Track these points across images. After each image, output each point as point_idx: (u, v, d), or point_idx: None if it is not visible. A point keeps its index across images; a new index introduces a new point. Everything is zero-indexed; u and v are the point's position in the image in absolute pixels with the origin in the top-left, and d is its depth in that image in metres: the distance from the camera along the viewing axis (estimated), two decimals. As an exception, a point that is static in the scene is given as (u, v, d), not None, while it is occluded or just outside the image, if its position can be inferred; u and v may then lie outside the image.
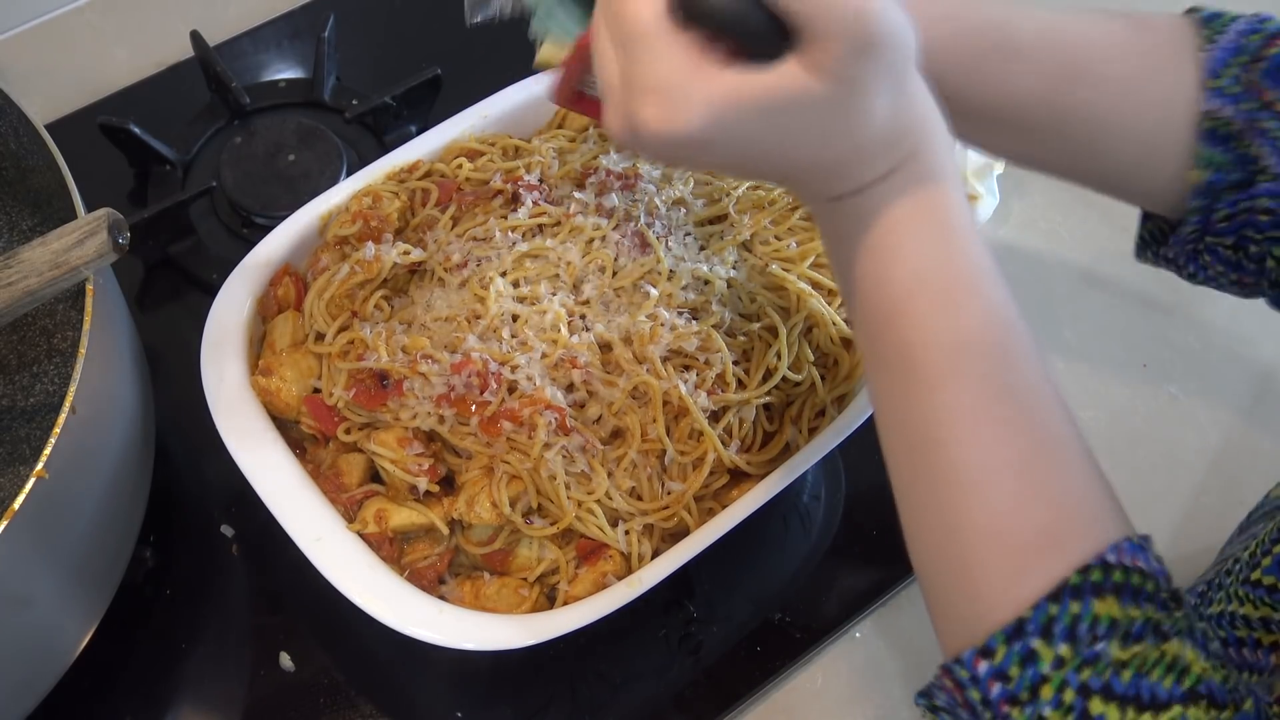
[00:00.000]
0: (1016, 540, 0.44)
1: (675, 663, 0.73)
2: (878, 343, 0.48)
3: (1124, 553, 0.43)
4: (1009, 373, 0.45)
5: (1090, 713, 0.41)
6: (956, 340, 0.45)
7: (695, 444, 0.68)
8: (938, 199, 0.46)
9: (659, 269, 0.71)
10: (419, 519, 0.66)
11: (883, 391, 0.48)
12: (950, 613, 0.46)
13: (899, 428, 0.48)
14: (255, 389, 0.69)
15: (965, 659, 0.43)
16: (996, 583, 0.44)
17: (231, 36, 0.99)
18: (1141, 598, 0.43)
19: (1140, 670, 0.41)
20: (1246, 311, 0.92)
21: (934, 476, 0.46)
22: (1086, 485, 0.45)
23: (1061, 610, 0.42)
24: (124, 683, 0.71)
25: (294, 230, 0.74)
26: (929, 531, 0.47)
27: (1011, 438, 0.45)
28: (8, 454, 0.67)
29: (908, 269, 0.46)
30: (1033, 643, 0.42)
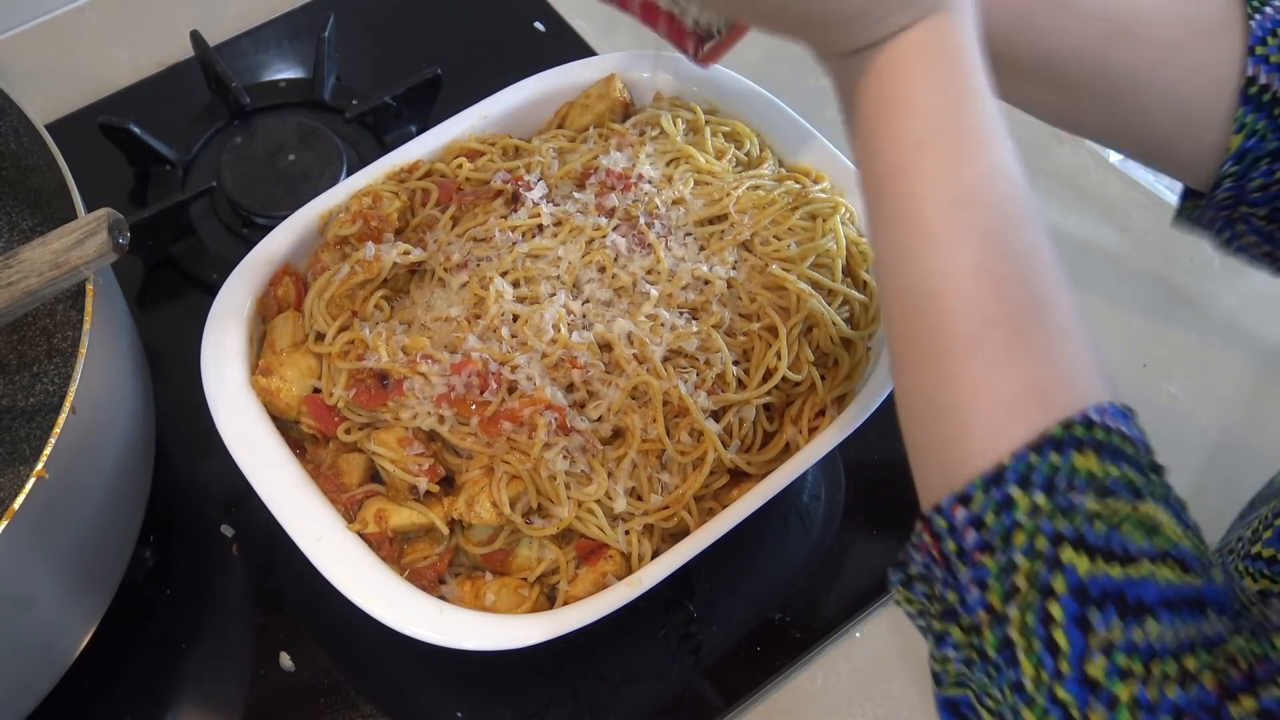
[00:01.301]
0: (1004, 394, 0.44)
1: (675, 663, 0.73)
2: (883, 196, 0.48)
3: (1108, 414, 0.44)
4: (1009, 232, 0.46)
5: (1061, 560, 0.41)
6: (960, 196, 0.46)
7: (695, 444, 0.68)
8: (955, 56, 0.47)
9: (659, 269, 0.71)
10: (419, 519, 0.66)
11: (884, 246, 0.49)
12: (933, 464, 0.46)
13: (898, 281, 0.48)
14: (255, 389, 0.69)
15: (944, 506, 0.44)
16: (980, 433, 0.44)
17: (231, 36, 0.99)
18: (1121, 458, 0.43)
19: (1113, 524, 0.42)
20: (1246, 312, 0.92)
21: (928, 328, 0.46)
22: (1077, 348, 0.46)
23: (1041, 461, 0.42)
24: (124, 683, 0.71)
25: (294, 230, 0.74)
26: (919, 383, 0.47)
27: (1006, 295, 0.45)
28: (8, 454, 0.67)
29: (919, 122, 0.47)
30: (1010, 490, 0.42)
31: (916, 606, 0.47)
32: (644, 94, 0.84)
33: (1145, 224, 0.96)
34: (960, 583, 0.43)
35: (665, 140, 0.78)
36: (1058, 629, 0.41)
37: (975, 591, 0.43)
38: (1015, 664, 0.42)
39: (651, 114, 0.81)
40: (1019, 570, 0.42)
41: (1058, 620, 0.41)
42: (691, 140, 0.79)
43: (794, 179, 0.78)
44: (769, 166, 0.79)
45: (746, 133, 0.81)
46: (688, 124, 0.80)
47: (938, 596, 0.45)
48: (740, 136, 0.81)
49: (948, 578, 0.44)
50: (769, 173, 0.79)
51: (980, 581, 0.43)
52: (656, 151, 0.77)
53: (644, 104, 0.84)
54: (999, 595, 0.42)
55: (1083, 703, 0.40)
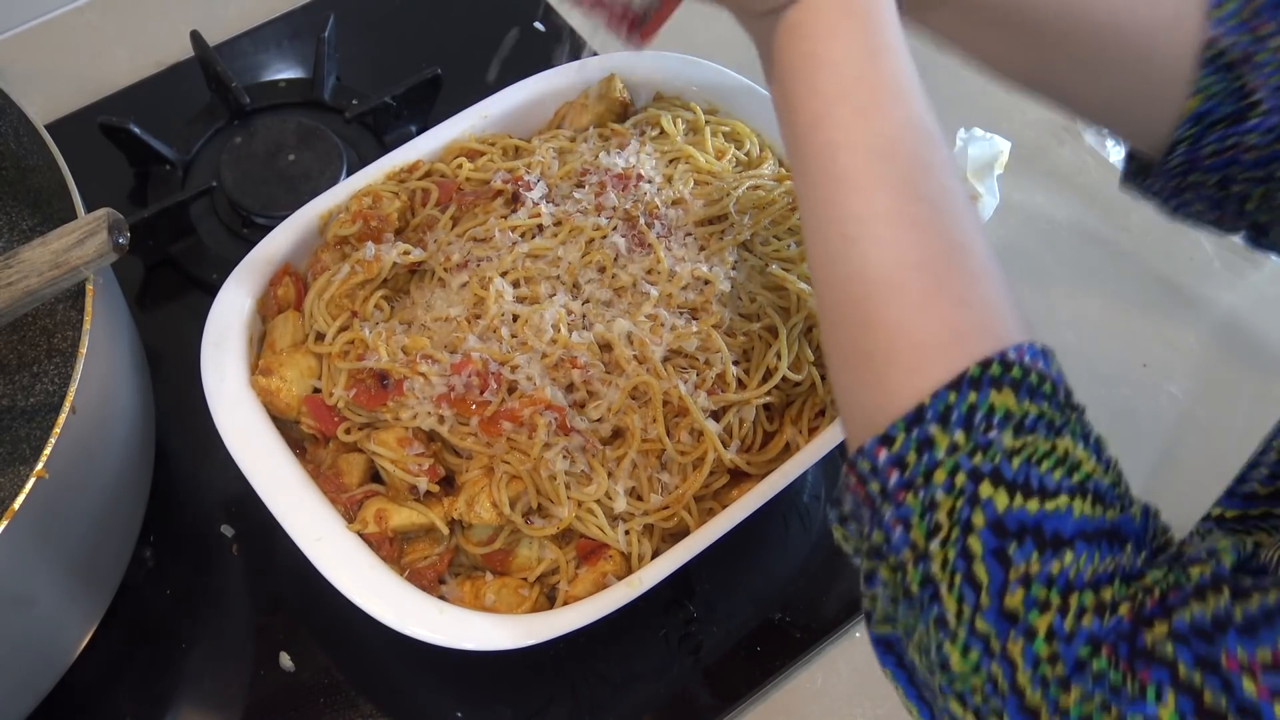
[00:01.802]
0: (923, 336, 0.45)
1: (675, 663, 0.73)
2: (803, 148, 0.49)
3: (1025, 353, 0.44)
4: (925, 179, 0.47)
5: (979, 496, 0.42)
6: (877, 144, 0.47)
7: (695, 444, 0.68)
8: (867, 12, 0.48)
9: (659, 269, 0.71)
10: (419, 519, 0.66)
11: (806, 197, 0.50)
12: (857, 408, 0.47)
13: (819, 230, 0.49)
14: (255, 389, 0.69)
15: (867, 448, 0.45)
16: (901, 375, 0.45)
17: (231, 36, 0.99)
18: (1039, 396, 0.44)
19: (1030, 459, 0.43)
20: (1246, 312, 0.92)
21: (849, 274, 0.47)
22: (994, 290, 0.46)
23: (959, 399, 0.43)
24: (124, 682, 0.71)
25: (294, 230, 0.74)
26: (843, 330, 0.48)
27: (924, 240, 0.46)
28: (8, 454, 0.67)
29: (835, 75, 0.48)
30: (930, 429, 0.43)
31: (851, 544, 0.48)
32: (644, 94, 0.84)
33: (1145, 224, 0.96)
34: (885, 522, 0.44)
35: (665, 140, 0.78)
36: (977, 563, 0.42)
37: (899, 530, 0.44)
38: (938, 599, 0.43)
39: (651, 114, 0.81)
40: (940, 507, 0.43)
41: (977, 554, 0.42)
42: (691, 140, 0.79)
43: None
44: (769, 166, 0.79)
45: (746, 133, 0.81)
46: (688, 124, 0.80)
47: (865, 536, 0.46)
48: (740, 136, 0.81)
49: (873, 517, 0.45)
50: (769, 173, 0.79)
51: (903, 520, 0.44)
52: (656, 151, 0.77)
53: (644, 104, 0.84)
54: (921, 532, 0.43)
55: (1002, 634, 0.41)
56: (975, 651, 0.42)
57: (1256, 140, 0.57)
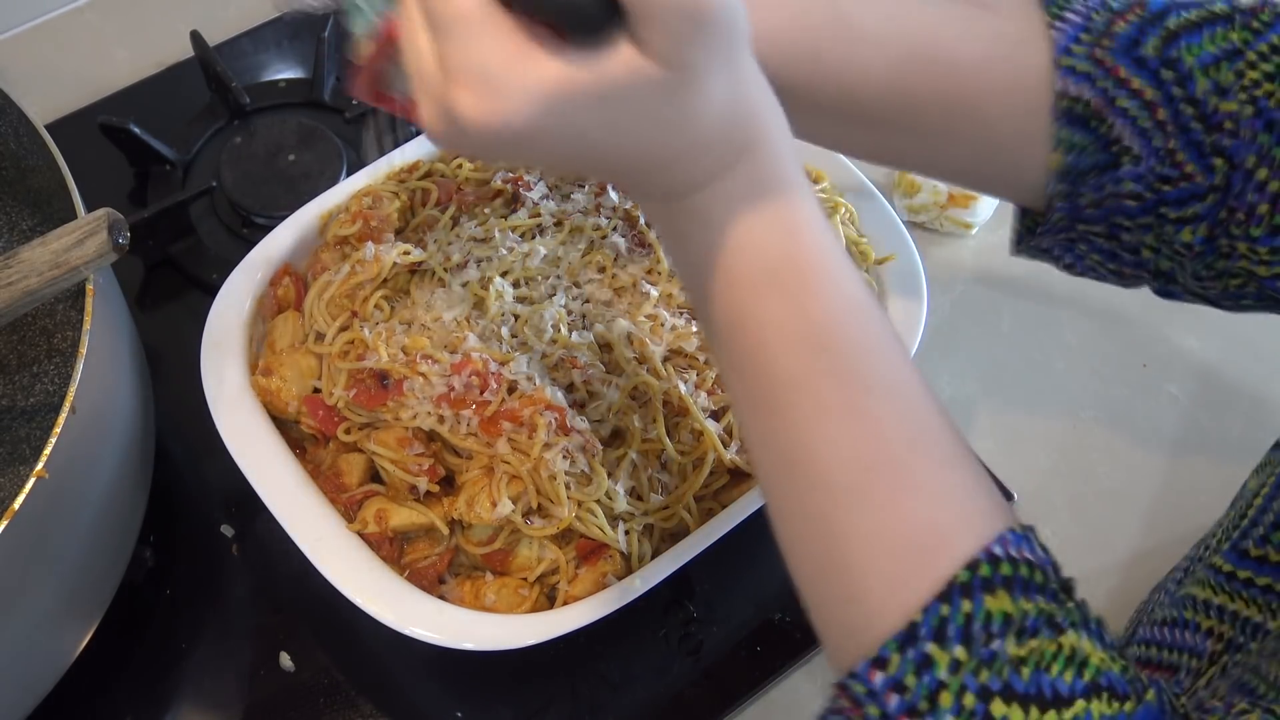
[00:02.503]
0: (899, 540, 0.42)
1: (675, 663, 0.73)
2: (730, 349, 0.45)
3: (1009, 545, 0.41)
4: (870, 366, 0.43)
5: (993, 715, 0.39)
6: (812, 335, 0.43)
7: (695, 444, 0.68)
8: (780, 189, 0.44)
9: (659, 269, 0.71)
10: (419, 519, 0.66)
11: (742, 399, 0.46)
12: (837, 626, 0.44)
13: (764, 440, 0.45)
14: (255, 389, 0.69)
15: (860, 673, 0.41)
16: (882, 587, 0.42)
17: (231, 36, 0.99)
18: (1033, 590, 0.41)
19: (1039, 666, 0.40)
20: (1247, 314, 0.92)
21: (807, 484, 0.43)
22: (965, 478, 0.43)
23: (953, 610, 0.40)
24: (124, 683, 0.71)
25: (294, 230, 0.74)
26: (808, 544, 0.44)
27: (881, 434, 0.43)
28: (8, 454, 0.67)
29: (754, 266, 0.43)
30: (927, 648, 0.40)
31: None
32: (644, 94, 0.84)
33: (1145, 224, 0.96)
34: None
35: (665, 140, 0.78)
36: None
37: None
38: None
39: (651, 114, 0.81)
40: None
41: None
42: (691, 140, 0.79)
43: (794, 179, 0.78)
44: (769, 166, 0.79)
45: (746, 133, 0.81)
46: (688, 124, 0.80)
47: None
48: (740, 136, 0.81)
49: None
50: (769, 173, 0.78)
51: None
52: (656, 151, 0.77)
53: (644, 104, 0.84)
54: None
55: None
56: None
57: (1134, 187, 0.54)
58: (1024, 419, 0.84)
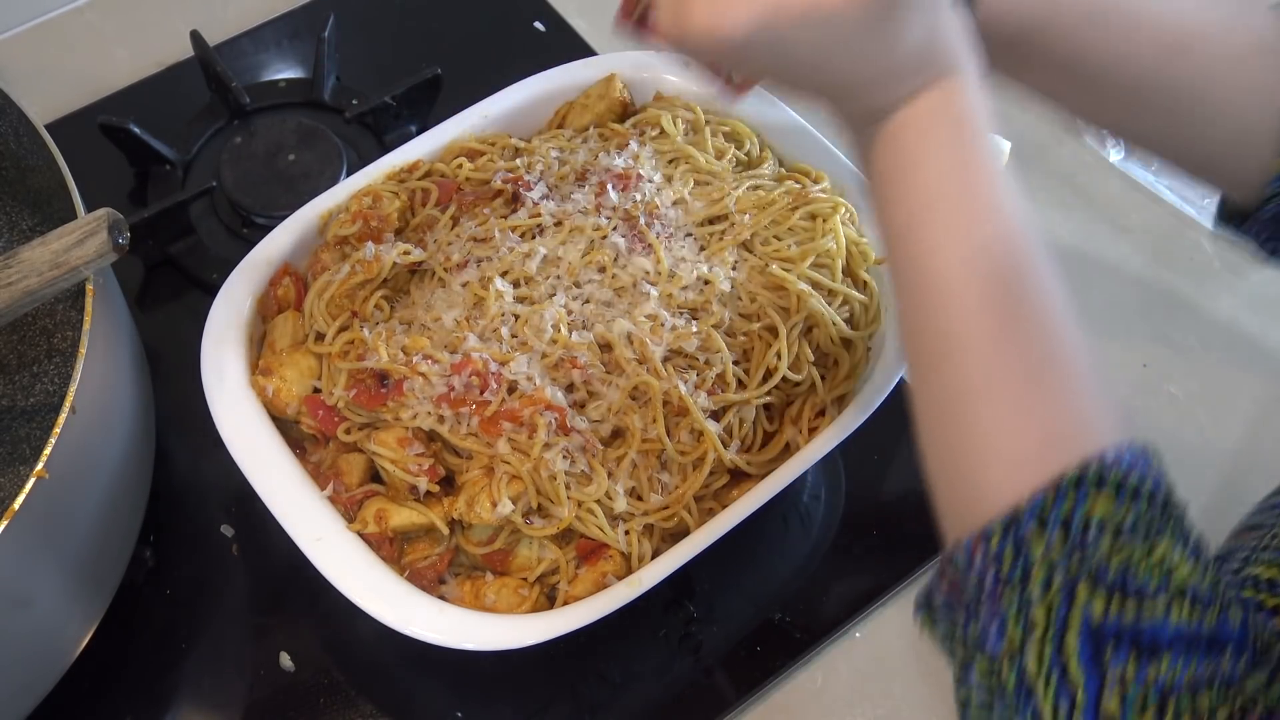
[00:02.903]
0: (1020, 439, 0.46)
1: (675, 663, 0.73)
2: (898, 253, 0.50)
3: (1123, 457, 0.44)
4: (1021, 284, 0.47)
5: (1077, 599, 0.42)
6: (969, 255, 0.48)
7: (695, 444, 0.68)
8: (963, 118, 0.49)
9: (659, 269, 0.71)
10: (419, 519, 0.66)
11: (902, 300, 0.51)
12: (954, 505, 0.48)
13: (914, 335, 0.50)
14: (255, 389, 0.69)
15: (965, 545, 0.45)
16: (998, 477, 0.45)
17: (231, 36, 0.99)
18: (1137, 499, 0.44)
19: (1127, 564, 0.43)
20: (1247, 312, 0.92)
21: (946, 379, 0.48)
22: (1092, 392, 0.47)
23: (1057, 503, 0.44)
24: (124, 682, 0.71)
25: (294, 230, 0.74)
26: (940, 429, 0.49)
27: (1018, 348, 0.47)
28: (8, 454, 0.67)
29: (930, 182, 0.49)
30: (1027, 531, 0.44)
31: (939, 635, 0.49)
32: (644, 94, 0.84)
33: (1145, 224, 0.96)
34: (981, 620, 0.45)
35: (665, 140, 0.78)
36: (1074, 666, 0.42)
37: (995, 628, 0.44)
38: (1033, 700, 0.43)
39: (651, 114, 0.81)
40: (1037, 608, 0.43)
41: (1073, 657, 0.42)
42: (691, 140, 0.79)
43: (794, 179, 0.78)
44: (769, 166, 0.79)
45: (746, 133, 0.81)
46: (688, 124, 0.80)
47: (960, 632, 0.46)
48: (740, 136, 0.81)
49: (969, 613, 0.45)
50: (769, 173, 0.79)
51: (999, 619, 0.44)
52: (656, 151, 0.77)
53: (644, 104, 0.84)
54: (1018, 632, 0.43)
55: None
56: None
57: None
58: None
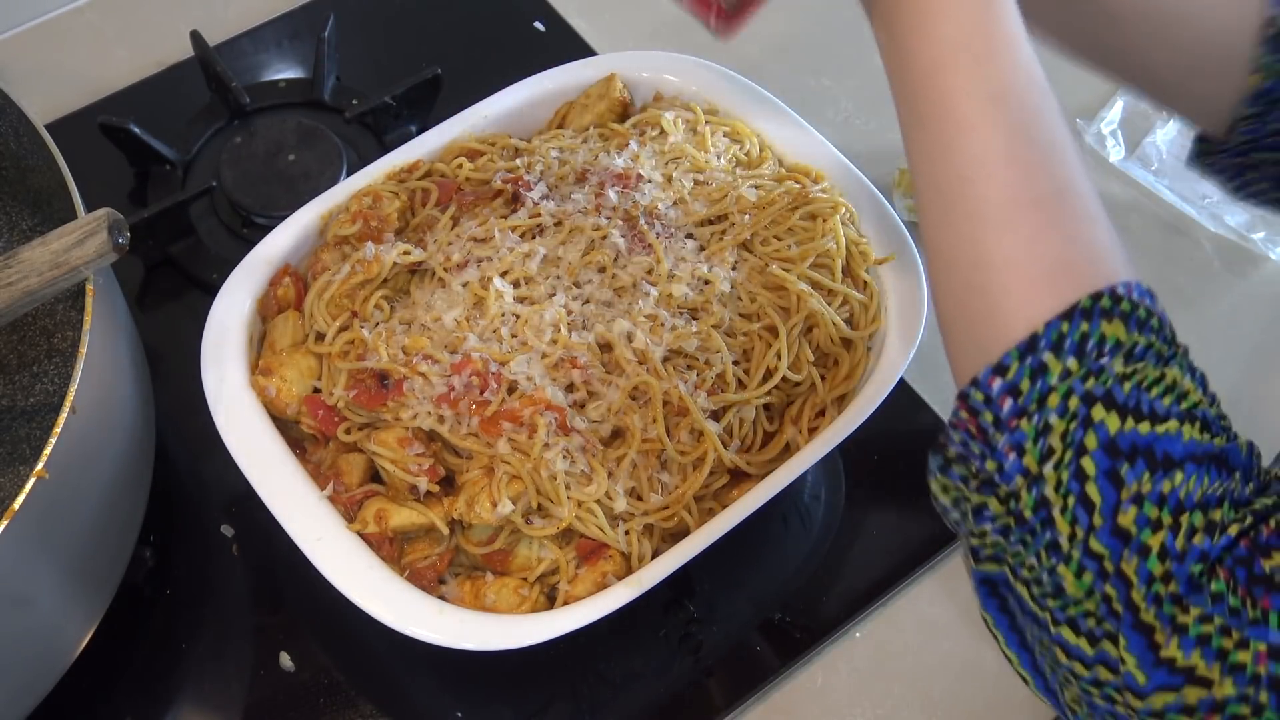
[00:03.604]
0: (1035, 268, 0.47)
1: (675, 663, 0.73)
2: (919, 96, 0.51)
3: (1133, 290, 0.46)
4: (1037, 124, 0.49)
5: (1092, 418, 0.44)
6: (993, 91, 0.49)
7: (695, 444, 0.68)
8: None
9: (659, 269, 0.71)
10: (419, 519, 0.66)
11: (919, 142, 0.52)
12: (968, 342, 0.49)
13: (932, 172, 0.51)
14: (255, 389, 0.69)
15: (981, 379, 0.46)
16: (1014, 306, 0.47)
17: (231, 36, 0.99)
18: (1146, 328, 0.46)
19: (1141, 385, 0.44)
20: (1246, 311, 0.92)
21: (963, 211, 0.49)
22: (1102, 230, 0.48)
23: (1072, 328, 0.45)
24: (124, 683, 0.71)
25: (294, 230, 0.74)
26: (955, 270, 0.50)
27: (1036, 179, 0.48)
28: (8, 454, 0.67)
29: (953, 27, 0.50)
30: (1044, 356, 0.45)
31: (951, 495, 0.50)
32: (644, 94, 0.84)
33: (1145, 224, 0.96)
34: (998, 450, 0.46)
35: (665, 140, 0.78)
36: (1091, 484, 0.43)
37: (1012, 456, 0.45)
38: (1051, 523, 0.44)
39: (652, 114, 0.81)
40: (1053, 431, 0.44)
41: (1090, 475, 0.43)
42: (691, 140, 0.79)
43: (794, 179, 0.78)
44: (769, 166, 0.79)
45: (746, 133, 0.81)
46: (688, 124, 0.80)
47: (974, 472, 0.47)
48: (740, 136, 0.81)
49: (985, 449, 0.46)
50: (769, 173, 0.79)
51: (1017, 446, 0.45)
52: (656, 151, 0.77)
53: (644, 104, 0.84)
54: (1035, 457, 0.45)
55: (1115, 553, 0.43)
56: (1089, 573, 0.43)
57: None
58: (1024, 419, 0.84)
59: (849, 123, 0.99)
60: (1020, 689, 0.75)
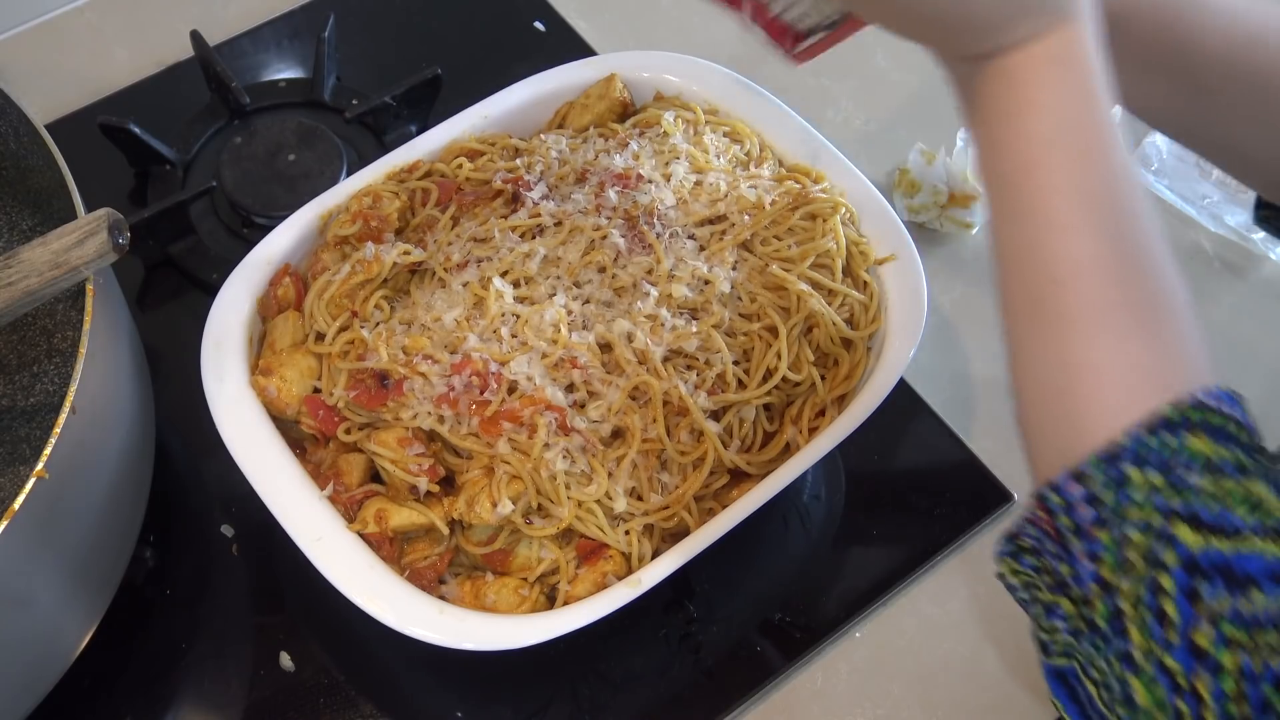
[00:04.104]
0: (1120, 375, 0.47)
1: (675, 663, 0.73)
2: (1011, 191, 0.51)
3: (1220, 399, 0.46)
4: (1130, 225, 0.49)
5: (1173, 535, 0.43)
6: (1088, 191, 0.49)
7: (695, 444, 0.68)
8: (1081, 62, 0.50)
9: (659, 269, 0.71)
10: (419, 519, 0.66)
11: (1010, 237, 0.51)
12: (1048, 443, 0.49)
13: (1021, 270, 0.50)
14: (255, 389, 0.69)
15: (1059, 483, 0.46)
16: (1096, 413, 0.46)
17: (231, 36, 0.99)
18: (1230, 440, 0.45)
19: (1222, 501, 0.44)
20: (1247, 314, 0.92)
21: (1050, 312, 0.49)
22: (1189, 334, 0.48)
23: (1156, 440, 0.44)
24: (124, 683, 0.71)
25: (294, 230, 0.74)
26: (1039, 366, 0.50)
27: (1127, 284, 0.48)
28: (8, 454, 0.67)
29: (1049, 124, 0.49)
30: (1126, 468, 0.44)
31: (1022, 579, 0.49)
32: (644, 94, 0.84)
33: (1145, 224, 0.96)
34: (1073, 556, 0.45)
35: (665, 140, 0.78)
36: (1167, 600, 0.43)
37: (1088, 564, 0.45)
38: (1124, 634, 0.44)
39: (652, 114, 0.81)
40: (1132, 544, 0.44)
41: (1168, 591, 0.43)
42: (691, 140, 0.79)
43: (794, 179, 0.78)
44: (769, 166, 0.79)
45: (746, 133, 0.81)
46: (688, 124, 0.80)
47: (1049, 569, 0.47)
48: (740, 136, 0.81)
49: (1060, 551, 0.46)
50: (769, 173, 0.79)
51: (1093, 555, 0.45)
52: (656, 151, 0.77)
53: (644, 104, 0.84)
54: (1112, 568, 0.44)
55: (1189, 670, 0.42)
56: (1161, 687, 0.43)
57: None
58: (1024, 419, 0.84)
59: (849, 123, 0.99)
60: (1020, 689, 0.75)
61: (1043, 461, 0.49)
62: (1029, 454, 0.50)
